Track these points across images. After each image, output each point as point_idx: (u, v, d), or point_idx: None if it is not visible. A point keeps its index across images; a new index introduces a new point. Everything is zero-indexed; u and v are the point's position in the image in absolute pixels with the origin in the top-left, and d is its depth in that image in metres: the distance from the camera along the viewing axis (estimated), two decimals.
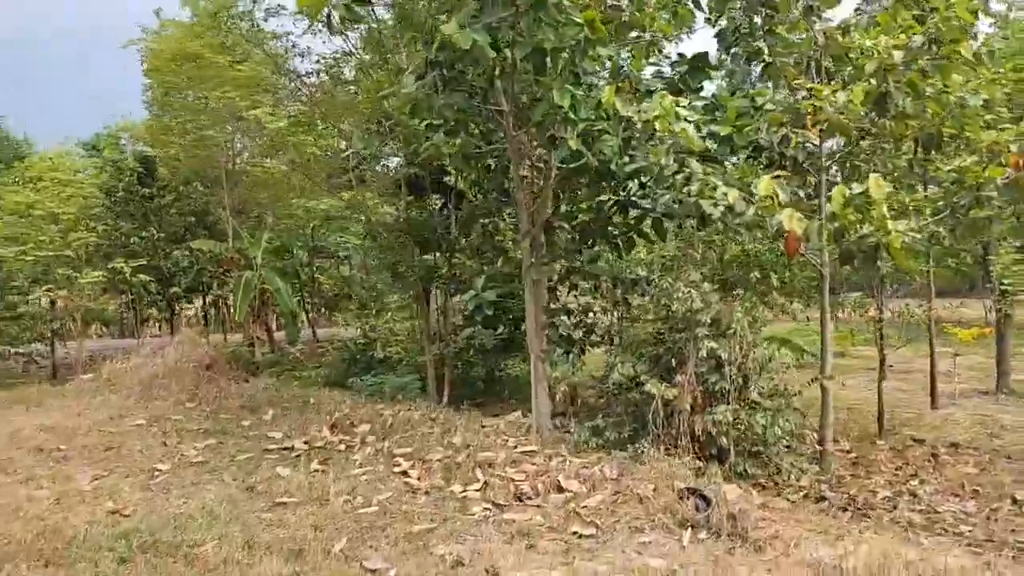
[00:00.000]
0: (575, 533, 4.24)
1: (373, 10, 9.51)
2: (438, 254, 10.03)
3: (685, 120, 5.78)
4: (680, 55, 8.28)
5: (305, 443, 6.90)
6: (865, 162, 8.60)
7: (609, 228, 8.64)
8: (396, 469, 5.72)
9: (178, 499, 5.13)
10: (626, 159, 6.70)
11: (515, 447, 6.29)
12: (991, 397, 13.16)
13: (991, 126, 7.69)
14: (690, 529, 4.27)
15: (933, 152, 7.23)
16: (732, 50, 7.96)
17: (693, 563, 3.83)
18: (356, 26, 10.09)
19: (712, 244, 10.90)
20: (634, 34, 8.28)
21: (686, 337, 6.25)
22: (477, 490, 5.18)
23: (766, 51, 7.71)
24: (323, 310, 22.04)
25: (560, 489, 5.16)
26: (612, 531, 4.26)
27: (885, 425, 10.72)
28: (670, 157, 6.14)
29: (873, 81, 6.63)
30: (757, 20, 7.50)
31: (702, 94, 8.19)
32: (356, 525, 4.38)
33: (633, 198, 8.01)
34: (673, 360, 6.35)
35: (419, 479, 5.51)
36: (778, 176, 5.78)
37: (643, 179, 7.72)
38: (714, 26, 7.84)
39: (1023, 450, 9.01)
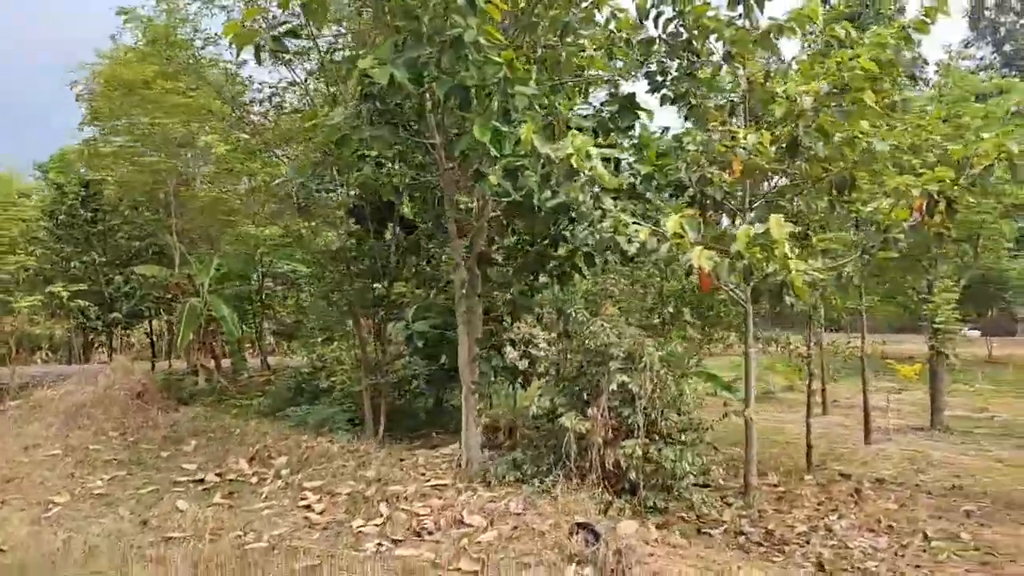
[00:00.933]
0: (458, 569, 4.19)
1: (316, 41, 9.64)
2: (377, 283, 10.01)
3: (596, 158, 5.91)
4: (611, 95, 8.51)
5: (218, 475, 6.75)
6: (789, 203, 8.90)
7: (544, 262, 8.74)
8: (301, 503, 5.62)
9: (65, 533, 4.97)
10: (548, 194, 6.81)
11: (428, 481, 6.23)
12: (925, 433, 13.45)
13: (906, 171, 8.04)
14: (575, 565, 4.26)
15: (849, 194, 7.48)
16: (659, 92, 8.23)
17: None
18: (305, 57, 10.23)
19: (650, 280, 11.10)
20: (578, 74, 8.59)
21: (601, 371, 6.30)
22: (377, 525, 5.12)
23: (691, 94, 8.00)
24: (277, 339, 21.75)
25: (462, 524, 5.12)
26: (497, 567, 4.22)
27: (816, 460, 10.87)
28: (586, 193, 6.28)
29: (786, 125, 6.91)
30: (679, 64, 7.77)
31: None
32: (239, 562, 4.28)
33: (564, 232, 8.13)
34: (587, 394, 6.40)
35: (322, 513, 5.42)
36: (688, 214, 5.94)
37: (572, 215, 7.86)
38: (642, 68, 8.10)
39: (944, 486, 9.20)
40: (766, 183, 9.12)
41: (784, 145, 7.03)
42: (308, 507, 5.52)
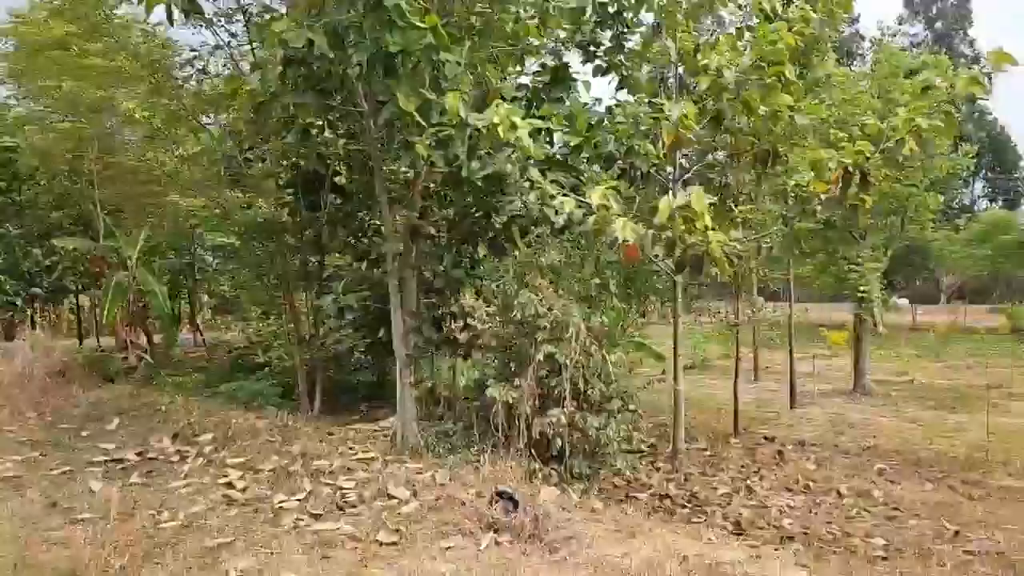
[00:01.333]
0: (377, 541, 4.20)
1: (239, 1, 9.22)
2: (309, 256, 9.79)
3: (523, 128, 5.86)
4: (543, 65, 8.45)
5: (138, 454, 6.56)
6: (719, 176, 9.06)
7: (478, 234, 8.70)
8: (221, 480, 5.51)
9: None
10: (476, 165, 6.73)
11: (355, 454, 6.20)
12: (848, 396, 14.12)
13: (832, 145, 8.26)
14: (493, 533, 4.32)
15: (772, 167, 7.64)
16: (592, 62, 8.21)
17: (484, 566, 3.87)
18: (235, 18, 9.76)
19: (587, 251, 11.20)
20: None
21: (529, 342, 6.34)
22: (299, 500, 5.06)
23: (621, 65, 8.01)
24: (217, 313, 21.15)
25: (386, 496, 5.12)
26: (415, 538, 4.25)
27: (744, 424, 11.29)
28: (514, 164, 6.24)
29: (710, 99, 7.00)
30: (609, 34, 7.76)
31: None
32: (150, 541, 4.18)
33: (497, 204, 8.09)
34: (516, 365, 6.45)
35: (243, 490, 5.33)
36: (612, 186, 5.98)
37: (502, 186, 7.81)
38: (570, 38, 8.04)
39: (860, 447, 9.70)
40: (695, 156, 9.31)
41: (710, 118, 7.13)
42: (229, 484, 5.42)
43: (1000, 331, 26.80)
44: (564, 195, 6.12)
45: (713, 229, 5.87)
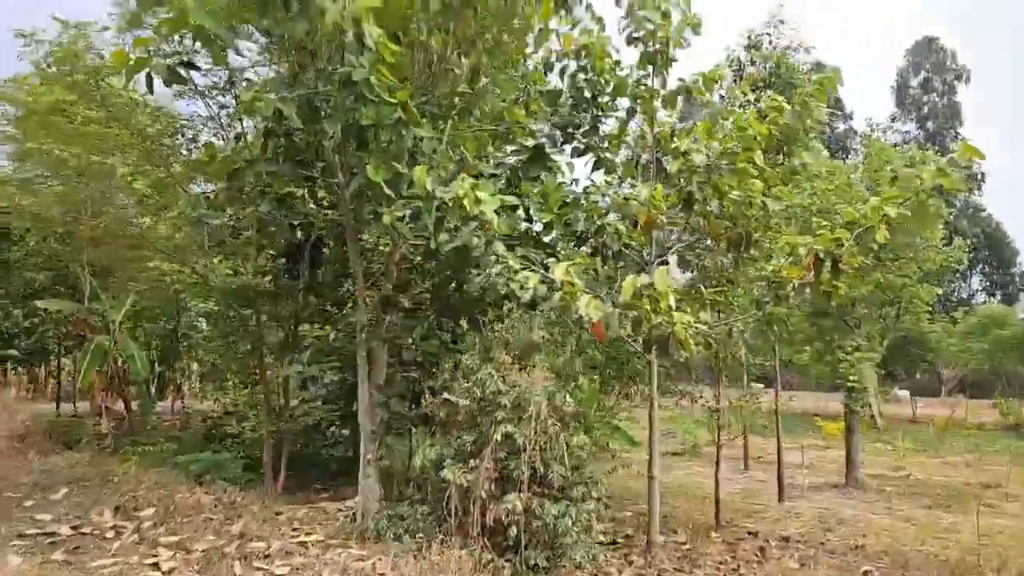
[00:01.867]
0: None
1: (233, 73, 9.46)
2: (281, 324, 9.64)
3: (487, 202, 5.84)
4: (523, 145, 8.56)
5: (72, 528, 6.20)
6: (696, 258, 9.02)
7: (450, 307, 8.57)
8: (148, 561, 5.16)
9: None
10: (444, 237, 6.68)
11: (297, 536, 5.84)
12: (840, 490, 13.57)
13: (809, 231, 8.25)
14: None
15: (746, 250, 7.59)
16: (569, 144, 8.33)
17: None
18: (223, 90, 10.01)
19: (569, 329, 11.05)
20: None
21: (489, 420, 6.10)
22: None
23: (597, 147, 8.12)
24: (206, 381, 20.79)
25: None
26: None
27: (728, 517, 10.78)
28: (480, 238, 6.18)
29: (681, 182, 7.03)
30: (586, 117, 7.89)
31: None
32: None
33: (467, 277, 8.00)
34: (475, 445, 6.17)
35: (168, 572, 4.97)
36: (578, 263, 5.91)
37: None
38: (549, 120, 8.18)
39: (848, 545, 9.18)
40: (676, 238, 9.29)
41: (683, 201, 7.13)
42: (155, 565, 5.07)
43: (989, 427, 26.22)
44: (530, 271, 6.03)
45: (678, 310, 5.75)
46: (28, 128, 10.66)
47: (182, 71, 6.76)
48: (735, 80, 11.68)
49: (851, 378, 13.45)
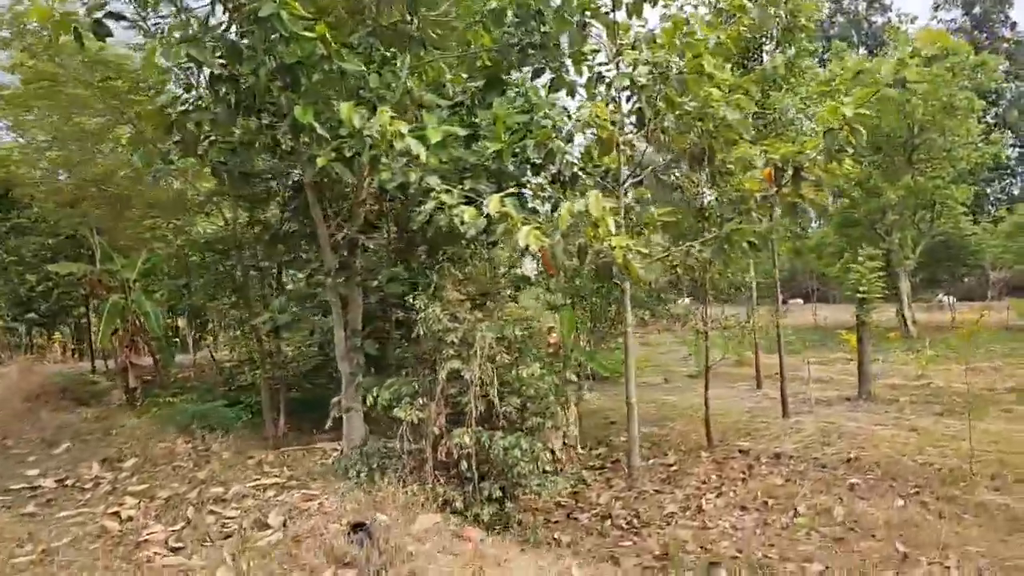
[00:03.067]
0: None
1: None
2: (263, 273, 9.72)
3: (409, 135, 5.62)
4: (478, 70, 8.18)
5: (57, 481, 6.51)
6: (669, 178, 8.64)
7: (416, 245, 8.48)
8: (111, 510, 5.39)
9: None
10: (387, 176, 6.49)
11: (258, 480, 6.02)
12: (851, 403, 13.32)
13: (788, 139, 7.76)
14: (336, 568, 4.05)
15: (710, 165, 7.21)
16: (523, 66, 7.91)
17: None
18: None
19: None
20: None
21: (437, 358, 6.08)
22: (173, 530, 4.89)
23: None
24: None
25: (264, 526, 4.90)
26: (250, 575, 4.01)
27: (727, 435, 10.75)
28: (415, 174, 5.99)
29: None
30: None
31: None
32: None
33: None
34: (428, 382, 6.18)
35: (126, 519, 5.19)
36: (511, 193, 5.68)
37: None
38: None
39: (841, 459, 9.05)
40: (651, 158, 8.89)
41: (635, 116, 6.77)
42: (116, 514, 5.29)
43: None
44: (466, 205, 5.83)
45: (618, 235, 5.53)
46: (25, 97, 10.68)
47: (110, 23, 6.59)
48: None
49: (860, 289, 12.95)
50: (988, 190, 46.86)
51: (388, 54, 7.49)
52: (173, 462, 6.61)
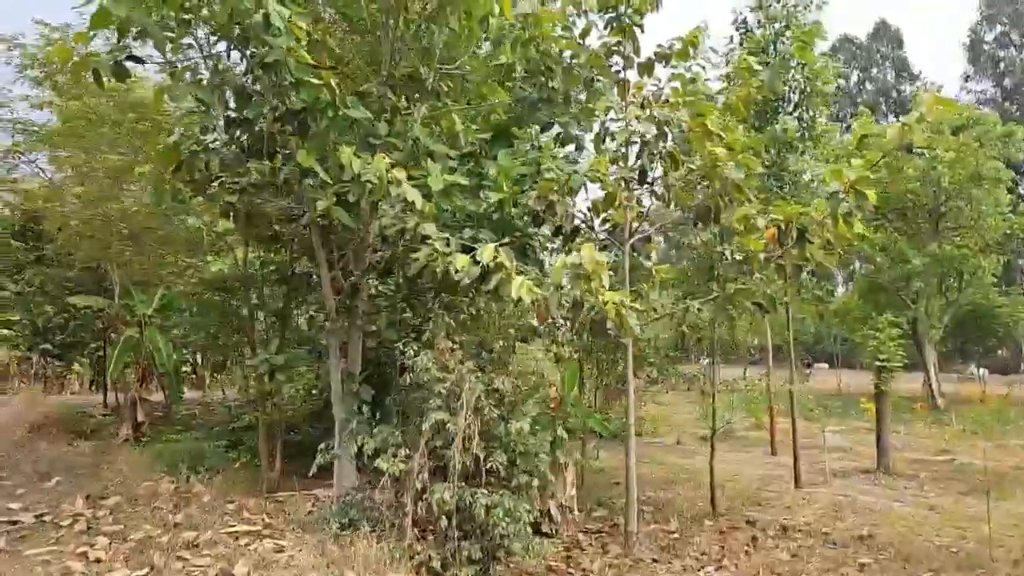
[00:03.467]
0: None
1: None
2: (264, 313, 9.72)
3: (405, 182, 5.64)
4: (484, 121, 8.27)
5: (36, 517, 6.41)
6: (680, 236, 8.54)
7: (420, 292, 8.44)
8: (80, 550, 5.26)
9: None
10: (387, 221, 6.49)
11: (234, 527, 5.85)
12: (869, 476, 12.75)
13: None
14: None
15: (716, 223, 7.09)
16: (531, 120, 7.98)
17: None
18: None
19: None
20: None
21: (424, 409, 5.93)
22: (139, 575, 4.74)
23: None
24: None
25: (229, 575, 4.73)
26: None
27: (735, 504, 10.30)
28: (412, 221, 5.98)
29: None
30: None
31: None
32: None
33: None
34: (411, 435, 6.03)
35: (94, 561, 5.05)
36: (504, 243, 5.62)
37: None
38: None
39: (853, 536, 8.57)
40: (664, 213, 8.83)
41: (639, 172, 6.73)
42: (84, 554, 5.15)
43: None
44: (460, 253, 5.78)
45: (611, 290, 5.41)
46: (59, 134, 11.08)
47: (128, 64, 6.80)
48: (741, 43, 10.97)
49: (879, 357, 12.55)
50: (1021, 261, 45.90)
51: (401, 104, 7.64)
52: (153, 503, 6.47)
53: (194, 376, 18.64)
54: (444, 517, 5.53)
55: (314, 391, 10.03)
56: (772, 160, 9.24)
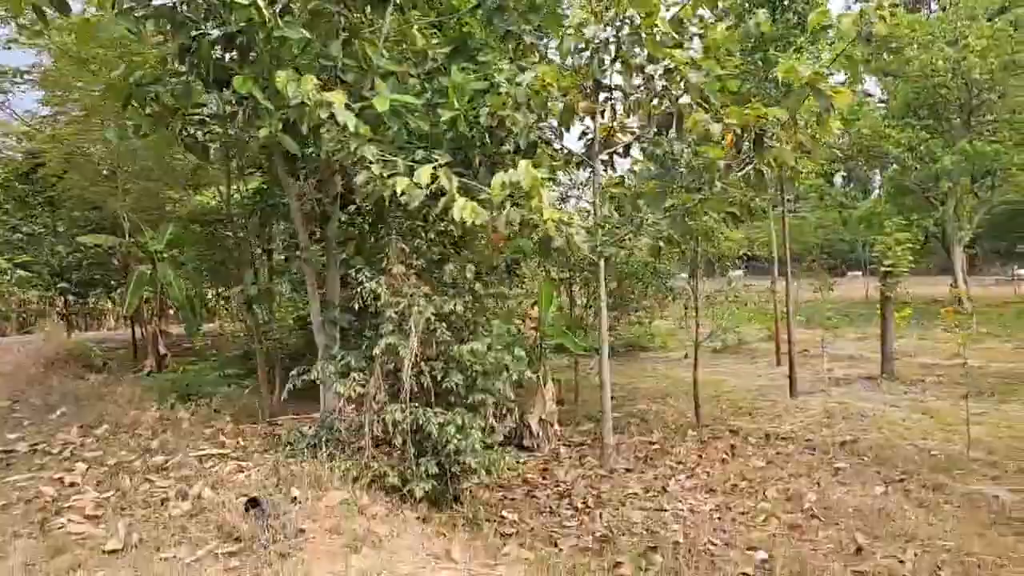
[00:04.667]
0: (112, 551, 4.04)
1: None
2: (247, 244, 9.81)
3: (340, 103, 5.47)
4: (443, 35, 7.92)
5: (30, 446, 6.78)
6: (655, 146, 8.22)
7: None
8: (57, 475, 5.57)
9: None
10: (331, 145, 6.34)
11: (204, 450, 6.11)
12: (871, 383, 12.65)
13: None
14: (217, 542, 4.05)
15: (678, 131, 6.77)
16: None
17: None
18: None
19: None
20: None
21: (379, 332, 6.00)
22: (97, 498, 5.00)
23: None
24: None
25: (182, 497, 4.97)
26: (144, 547, 4.06)
27: (725, 414, 10.38)
28: (354, 143, 5.84)
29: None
30: None
31: None
32: None
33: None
34: (363, 357, 6.14)
35: (68, 485, 5.35)
36: (443, 164, 5.47)
37: None
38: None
39: (837, 442, 8.57)
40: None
41: (593, 81, 6.41)
42: (60, 479, 5.46)
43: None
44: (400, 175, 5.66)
45: (551, 206, 5.27)
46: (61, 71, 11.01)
47: None
48: None
49: (886, 262, 12.18)
50: None
51: (360, 22, 7.34)
52: (136, 429, 6.79)
53: (205, 309, 19.17)
54: (399, 436, 5.68)
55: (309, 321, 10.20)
56: (756, 61, 8.72)
